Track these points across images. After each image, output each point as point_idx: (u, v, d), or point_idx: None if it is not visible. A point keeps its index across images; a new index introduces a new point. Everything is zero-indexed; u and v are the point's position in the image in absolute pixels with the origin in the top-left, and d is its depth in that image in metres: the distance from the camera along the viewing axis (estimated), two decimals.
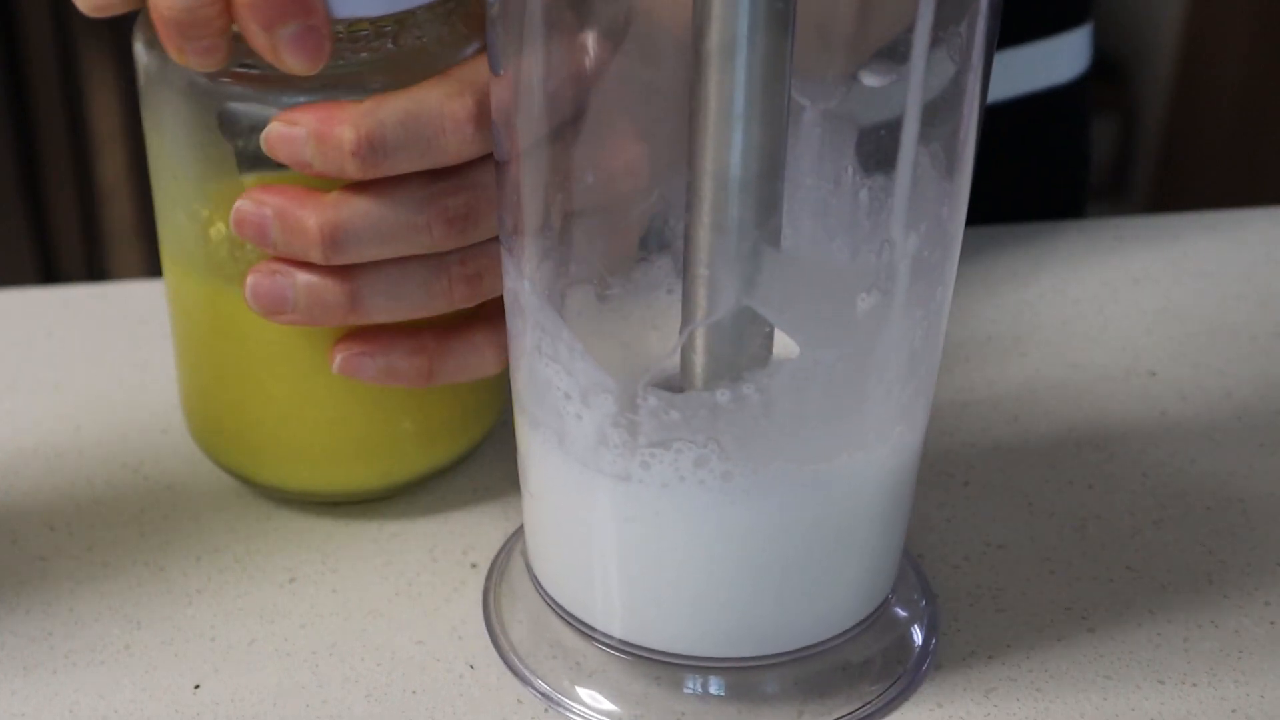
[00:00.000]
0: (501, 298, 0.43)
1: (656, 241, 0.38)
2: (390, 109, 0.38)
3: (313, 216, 0.39)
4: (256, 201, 0.40)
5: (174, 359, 0.47)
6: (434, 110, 0.38)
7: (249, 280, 0.41)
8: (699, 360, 0.35)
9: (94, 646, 0.42)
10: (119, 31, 1.59)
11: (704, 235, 0.33)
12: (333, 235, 0.39)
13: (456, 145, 0.39)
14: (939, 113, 0.34)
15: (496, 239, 0.41)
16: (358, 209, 0.39)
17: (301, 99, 0.39)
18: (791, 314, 0.34)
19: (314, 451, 0.45)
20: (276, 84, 0.40)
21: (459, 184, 0.40)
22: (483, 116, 0.39)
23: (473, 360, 0.43)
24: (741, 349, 0.35)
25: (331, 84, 0.40)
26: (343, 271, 0.40)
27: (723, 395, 0.35)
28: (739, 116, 0.32)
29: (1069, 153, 0.74)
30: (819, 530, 0.37)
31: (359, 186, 0.39)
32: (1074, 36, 0.70)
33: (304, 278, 0.40)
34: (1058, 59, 0.69)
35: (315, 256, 0.40)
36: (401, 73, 0.40)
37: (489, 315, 0.43)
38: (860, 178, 0.35)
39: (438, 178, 0.40)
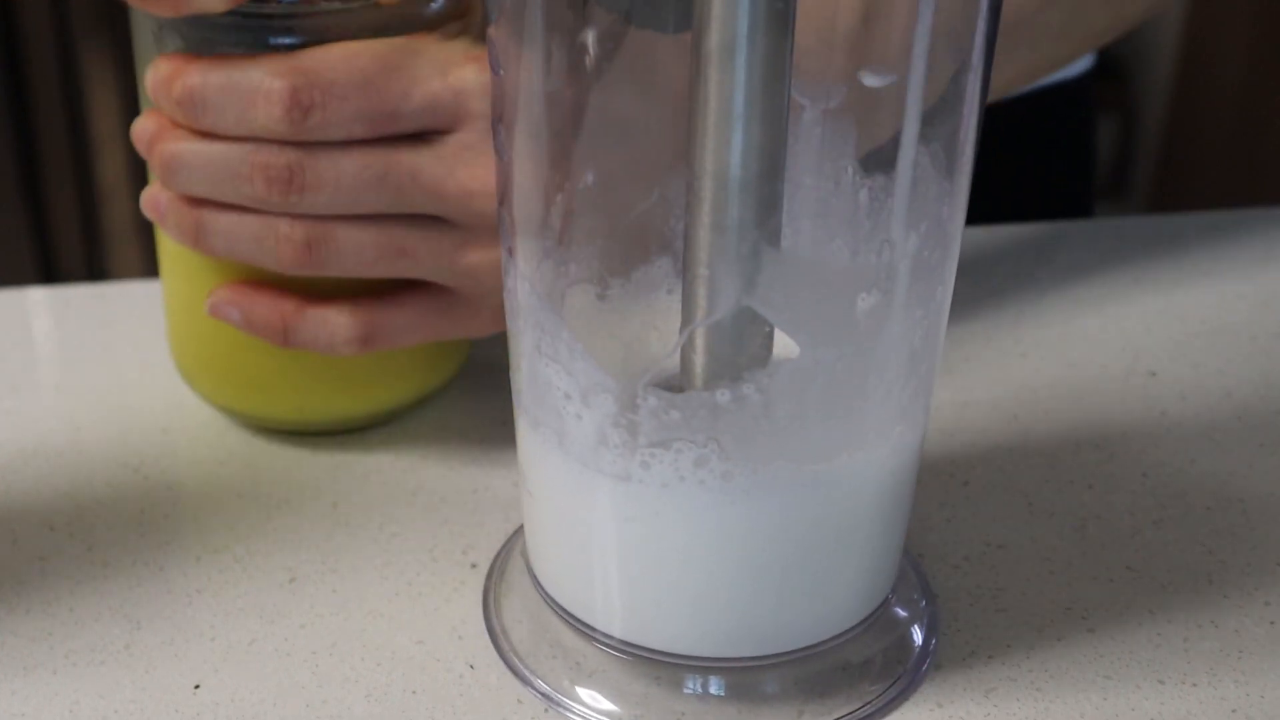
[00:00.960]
0: (371, 282, 0.46)
1: (656, 242, 0.38)
2: (218, 72, 0.42)
3: (161, 143, 0.44)
4: (144, 120, 0.45)
5: (163, 299, 0.50)
6: (251, 83, 0.42)
7: (146, 189, 0.46)
8: (699, 360, 0.35)
9: (94, 646, 0.42)
10: (119, 31, 1.59)
11: (704, 235, 0.33)
12: (167, 162, 0.44)
13: (265, 121, 0.42)
14: (939, 113, 0.34)
15: (341, 219, 0.44)
16: (191, 146, 0.43)
17: (288, 40, 0.43)
18: (791, 314, 0.34)
19: (294, 380, 0.48)
20: (274, 21, 0.43)
21: (286, 147, 0.43)
22: (296, 102, 0.42)
23: (323, 334, 0.46)
24: (741, 349, 0.35)
25: (320, 29, 0.43)
26: (193, 201, 0.44)
27: (723, 395, 0.35)
28: (739, 116, 0.32)
29: (1076, 148, 0.75)
30: (819, 530, 0.37)
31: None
32: None
33: (169, 196, 0.45)
34: None
35: (157, 177, 0.45)
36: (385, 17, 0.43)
37: (353, 296, 0.46)
38: (860, 178, 0.35)
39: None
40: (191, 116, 0.43)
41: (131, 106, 0.46)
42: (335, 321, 0.45)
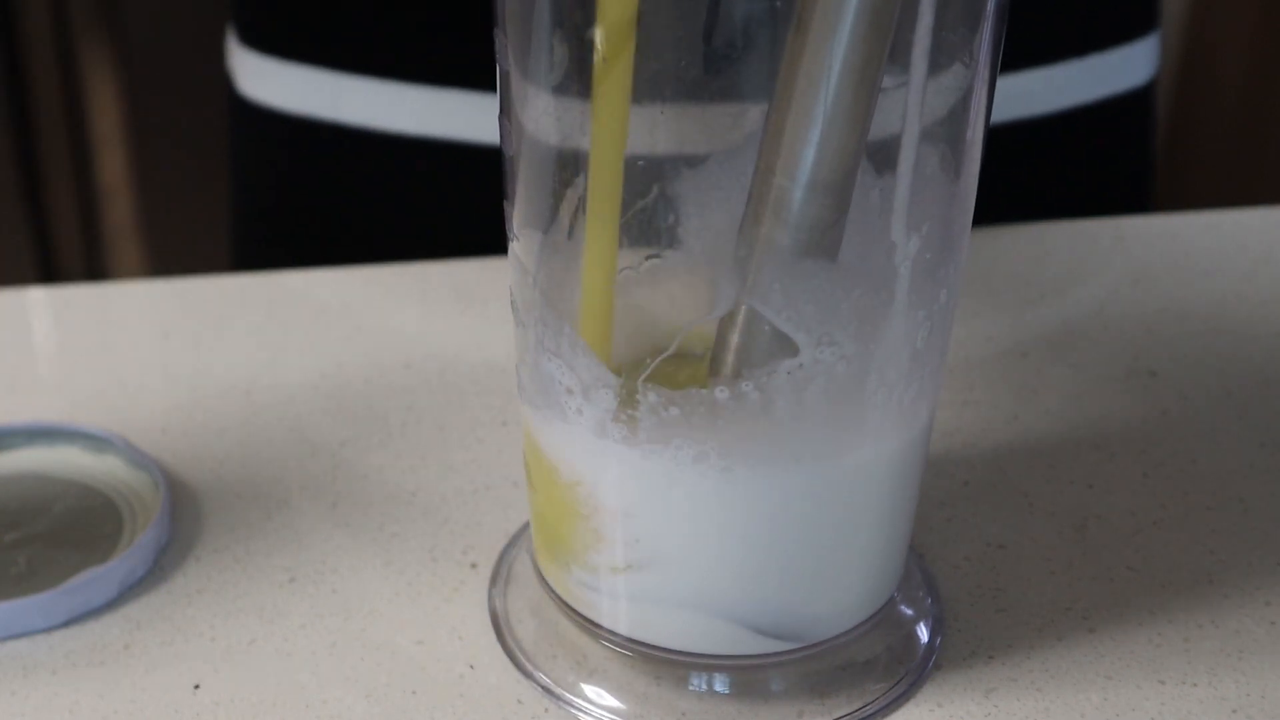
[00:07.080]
0: None
1: (659, 238, 0.38)
2: None
3: None
4: None
5: None
6: None
7: None
8: (731, 351, 0.35)
9: (94, 646, 0.42)
10: (119, 31, 1.59)
11: (767, 230, 0.33)
12: None
13: None
14: (946, 114, 0.34)
15: None
16: None
17: None
18: (791, 313, 0.34)
19: None
20: None
21: None
22: None
23: None
24: (781, 343, 0.34)
25: None
26: None
27: (721, 393, 0.35)
28: (824, 115, 0.32)
29: (1139, 152, 0.75)
30: (819, 529, 0.37)
31: None
32: (1144, 44, 0.71)
33: None
34: (1128, 65, 0.71)
35: None
36: None
37: None
38: (872, 178, 0.34)
39: None
40: None
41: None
42: None
